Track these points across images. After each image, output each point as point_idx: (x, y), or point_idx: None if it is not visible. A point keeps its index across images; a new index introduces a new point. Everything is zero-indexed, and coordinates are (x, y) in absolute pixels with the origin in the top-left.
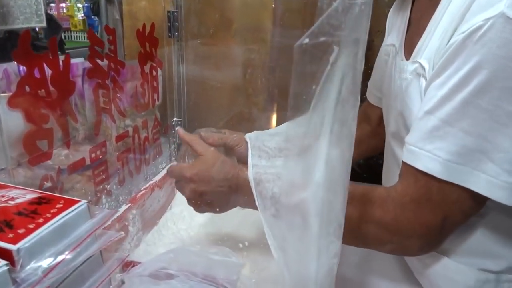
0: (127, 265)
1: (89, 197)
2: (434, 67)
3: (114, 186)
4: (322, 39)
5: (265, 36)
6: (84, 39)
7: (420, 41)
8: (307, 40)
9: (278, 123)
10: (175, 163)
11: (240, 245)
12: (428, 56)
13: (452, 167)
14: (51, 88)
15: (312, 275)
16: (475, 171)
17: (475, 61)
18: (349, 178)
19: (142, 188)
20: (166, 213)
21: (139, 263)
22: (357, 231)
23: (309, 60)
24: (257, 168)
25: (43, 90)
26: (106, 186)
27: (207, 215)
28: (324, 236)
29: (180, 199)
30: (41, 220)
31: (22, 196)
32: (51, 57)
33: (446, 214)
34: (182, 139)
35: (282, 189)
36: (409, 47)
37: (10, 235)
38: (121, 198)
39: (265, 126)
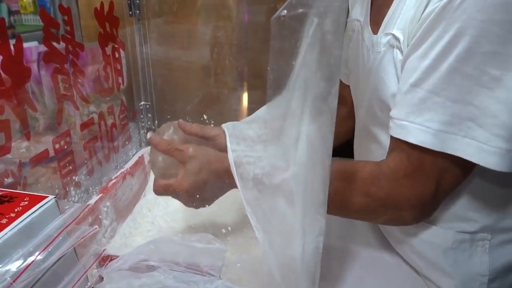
0: (105, 259)
1: (56, 191)
2: (410, 38)
3: (82, 177)
4: (300, 10)
5: (231, 12)
6: (37, 22)
7: (389, 12)
8: (284, 12)
9: (249, 102)
10: (152, 178)
11: (223, 230)
12: (401, 27)
13: (444, 136)
14: (4, 76)
15: (298, 254)
16: (466, 138)
17: (457, 27)
18: (331, 156)
19: (113, 177)
20: (140, 200)
21: (117, 256)
22: (351, 206)
23: (287, 34)
24: (236, 152)
25: None
26: (74, 177)
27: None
28: (308, 214)
29: None
30: (4, 221)
31: None
32: None
33: (439, 183)
34: (157, 148)
35: (264, 170)
36: (376, 19)
37: None
38: (91, 189)
39: (236, 105)
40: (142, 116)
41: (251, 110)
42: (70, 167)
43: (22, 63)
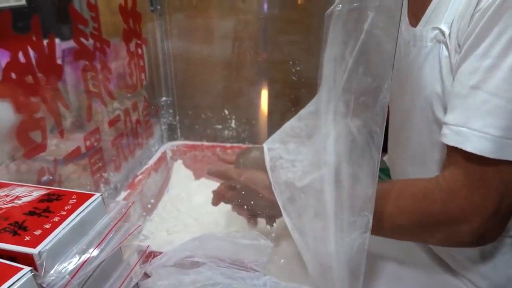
0: (147, 256)
1: (88, 187)
2: (460, 34)
3: (111, 173)
4: (355, 4)
5: (250, 5)
6: None
7: (432, 3)
8: (339, 7)
9: (269, 97)
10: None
11: (268, 226)
12: (449, 21)
13: (506, 143)
14: (38, 74)
15: (332, 251)
16: None
17: None
18: (380, 150)
19: (139, 173)
20: (164, 196)
21: (160, 253)
22: (400, 228)
23: (341, 29)
24: (272, 152)
25: (30, 76)
26: (103, 174)
27: (205, 194)
28: (352, 211)
29: (176, 181)
30: (57, 219)
31: (28, 193)
32: (34, 39)
33: (503, 195)
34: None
35: (296, 175)
36: (415, 10)
37: (27, 238)
38: (118, 185)
39: (256, 100)
40: (163, 112)
41: (272, 104)
42: (100, 164)
43: (55, 61)
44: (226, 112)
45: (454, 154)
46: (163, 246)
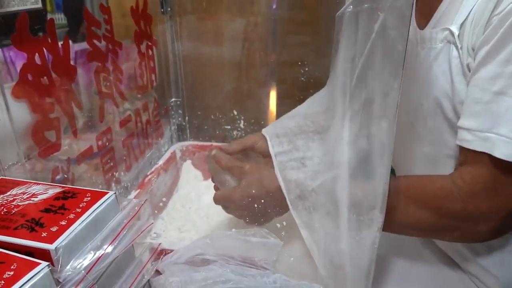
0: (159, 254)
1: (100, 186)
2: (475, 37)
3: (122, 173)
4: (366, 5)
5: (260, 7)
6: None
7: (442, 5)
8: (350, 8)
9: (278, 98)
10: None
11: (278, 225)
12: (459, 22)
13: None
14: (53, 75)
15: (345, 250)
16: None
17: None
18: (392, 150)
19: (149, 173)
20: (173, 196)
21: (171, 250)
22: (418, 225)
23: (352, 30)
24: (280, 156)
25: (45, 78)
26: (115, 173)
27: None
28: (364, 209)
29: (185, 181)
30: (72, 216)
31: (44, 191)
32: (50, 41)
33: None
34: (220, 165)
35: (307, 175)
36: (423, 11)
37: (44, 234)
38: (129, 184)
39: (264, 101)
40: (173, 112)
41: (281, 105)
42: (111, 164)
43: (69, 62)
44: (235, 112)
45: (476, 158)
46: (173, 244)
